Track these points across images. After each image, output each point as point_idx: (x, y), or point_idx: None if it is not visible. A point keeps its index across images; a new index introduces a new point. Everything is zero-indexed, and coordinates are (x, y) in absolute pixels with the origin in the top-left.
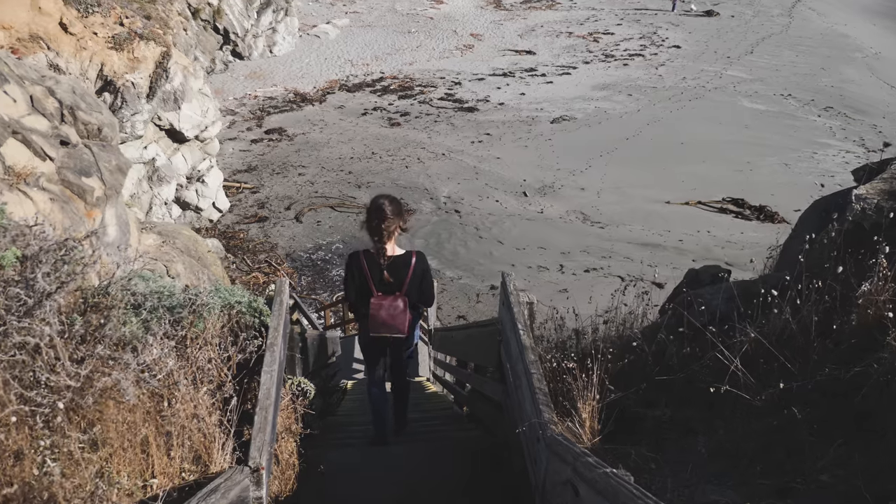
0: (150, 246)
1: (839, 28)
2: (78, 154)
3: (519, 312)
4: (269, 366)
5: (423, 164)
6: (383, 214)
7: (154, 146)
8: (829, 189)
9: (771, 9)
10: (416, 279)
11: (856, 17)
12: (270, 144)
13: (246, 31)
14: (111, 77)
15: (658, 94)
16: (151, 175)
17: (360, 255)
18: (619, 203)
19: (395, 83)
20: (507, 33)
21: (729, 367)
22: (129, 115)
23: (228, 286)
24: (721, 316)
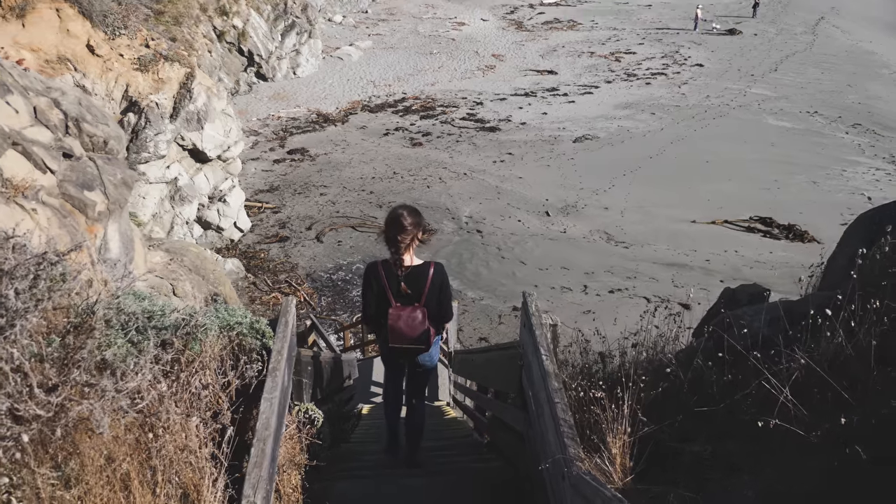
0: (157, 264)
1: (864, 45)
2: (81, 167)
3: (541, 335)
4: (270, 392)
5: (444, 183)
6: (401, 224)
7: (176, 166)
8: (859, 206)
9: (794, 27)
10: (435, 290)
11: (881, 34)
12: (293, 164)
13: (270, 53)
14: (136, 98)
15: (681, 113)
16: (174, 195)
17: (378, 266)
18: (643, 222)
19: (417, 103)
20: (528, 54)
21: (777, 397)
22: (153, 134)
23: (230, 306)
24: (764, 340)
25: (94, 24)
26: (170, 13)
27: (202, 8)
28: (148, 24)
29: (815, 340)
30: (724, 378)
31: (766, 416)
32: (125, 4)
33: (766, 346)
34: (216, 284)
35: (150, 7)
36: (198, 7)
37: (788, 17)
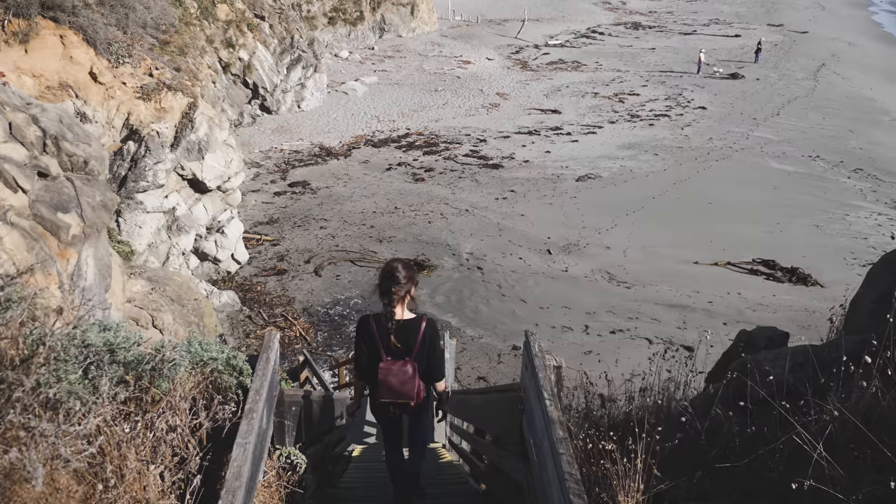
0: (137, 293)
1: (865, 92)
2: (57, 187)
3: (545, 378)
4: (244, 437)
5: (446, 219)
6: (395, 277)
7: (175, 195)
8: (862, 250)
9: (795, 73)
10: (426, 345)
11: (880, 81)
12: (293, 197)
13: (275, 86)
14: (137, 126)
15: (684, 154)
16: (171, 224)
17: (370, 319)
18: (645, 262)
19: (420, 139)
20: (532, 93)
21: (808, 453)
22: (152, 163)
23: (206, 340)
24: (789, 388)
25: (97, 52)
26: (175, 43)
27: (208, 39)
28: (152, 54)
29: (846, 389)
30: (748, 430)
31: (795, 474)
32: (131, 33)
33: (792, 395)
34: (200, 316)
35: (156, 37)
36: (204, 38)
37: (790, 63)
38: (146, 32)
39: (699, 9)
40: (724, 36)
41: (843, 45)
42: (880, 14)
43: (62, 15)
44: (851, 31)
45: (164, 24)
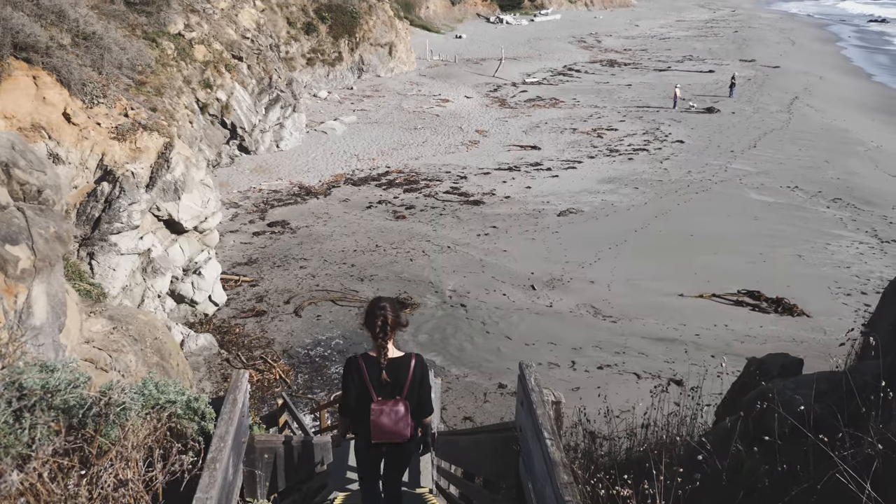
0: (97, 333)
1: (839, 123)
2: (6, 217)
3: (544, 415)
4: (206, 491)
5: (427, 256)
6: (385, 313)
7: (150, 237)
8: (846, 279)
9: (770, 106)
10: (416, 382)
11: (853, 112)
12: (272, 237)
13: (253, 127)
14: (111, 167)
15: (664, 188)
16: (146, 266)
17: (359, 359)
18: (630, 296)
19: (400, 177)
20: (511, 130)
21: (852, 491)
22: (127, 204)
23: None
24: (816, 419)
25: (72, 93)
26: (152, 84)
27: (186, 80)
28: (128, 94)
29: (884, 418)
30: (778, 467)
31: None
32: (106, 74)
33: (820, 427)
34: (166, 357)
35: (132, 77)
36: (181, 79)
37: (764, 96)
38: (122, 73)
39: (672, 46)
40: (698, 72)
41: (815, 79)
42: (849, 49)
43: (35, 56)
44: (822, 66)
45: (141, 65)
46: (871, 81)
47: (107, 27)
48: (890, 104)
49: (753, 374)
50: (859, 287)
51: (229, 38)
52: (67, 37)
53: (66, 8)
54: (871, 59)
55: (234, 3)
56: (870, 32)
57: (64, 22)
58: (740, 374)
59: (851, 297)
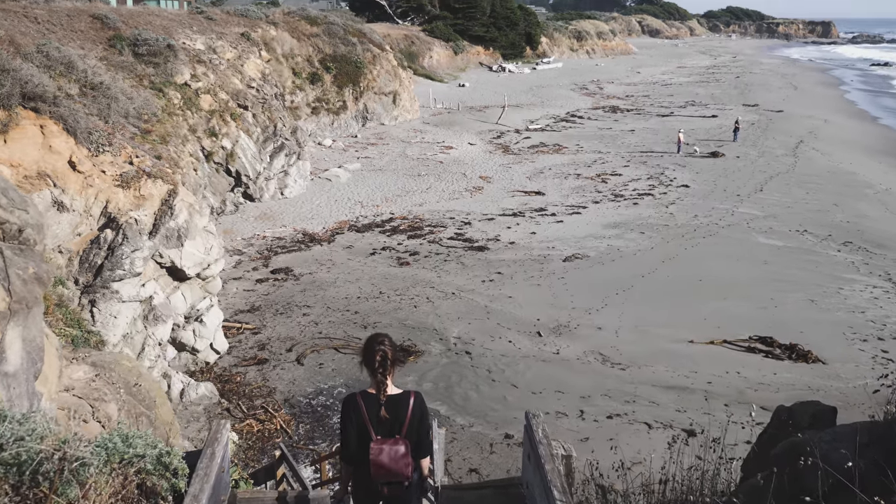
0: (78, 380)
1: (845, 166)
2: None
3: (553, 471)
4: None
5: (432, 303)
6: (384, 348)
7: (153, 284)
8: (860, 325)
9: (775, 149)
10: (416, 420)
11: (859, 155)
12: (276, 284)
13: (258, 174)
14: (115, 214)
15: (671, 232)
16: (147, 314)
17: (357, 397)
18: (639, 343)
19: (404, 223)
20: (515, 175)
21: None
22: (129, 251)
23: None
24: (861, 474)
25: (77, 141)
26: (157, 132)
27: (191, 129)
28: (133, 143)
29: None
30: None
31: None
32: (112, 123)
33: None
34: (151, 406)
35: (138, 126)
36: (187, 128)
37: (768, 140)
38: (128, 122)
39: (675, 92)
40: (701, 117)
41: (820, 123)
42: (853, 93)
43: (43, 105)
44: (826, 110)
45: (147, 114)
46: (876, 124)
47: (114, 78)
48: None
49: (784, 425)
50: (875, 332)
51: (235, 88)
52: (75, 87)
53: (74, 59)
54: (875, 103)
55: (240, 53)
56: (873, 76)
57: (72, 73)
58: (768, 425)
59: (868, 343)
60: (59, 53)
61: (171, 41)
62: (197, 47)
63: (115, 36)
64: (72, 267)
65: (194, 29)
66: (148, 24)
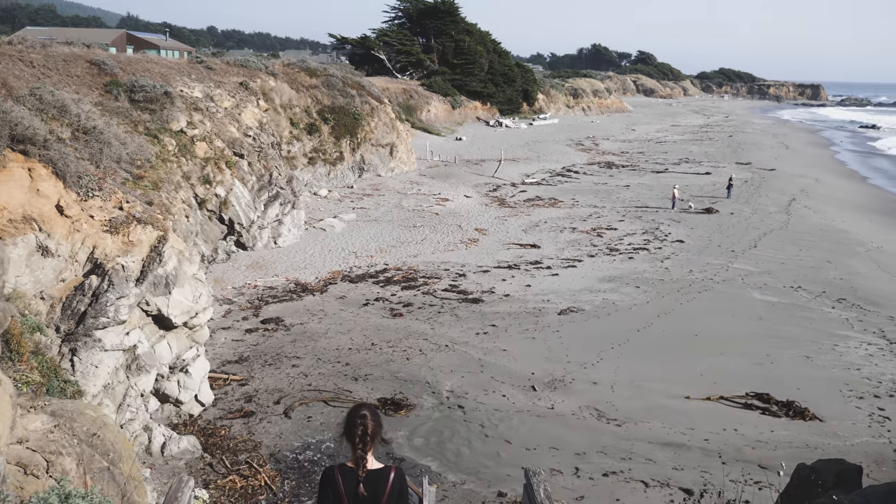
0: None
1: (837, 224)
2: None
3: None
4: None
5: (425, 355)
6: (366, 424)
7: (137, 332)
8: (856, 382)
9: (768, 207)
10: (394, 496)
11: (851, 213)
12: (266, 334)
13: (251, 223)
14: (101, 260)
15: (666, 287)
16: (130, 364)
17: (335, 471)
18: (635, 398)
19: (398, 274)
20: (511, 228)
21: None
22: (115, 298)
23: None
24: None
25: (66, 185)
26: (150, 178)
27: (185, 176)
28: (125, 188)
29: None
30: None
31: None
32: (103, 167)
33: None
34: (116, 461)
35: (130, 171)
36: (181, 174)
37: (761, 197)
38: (120, 167)
39: (669, 149)
40: (695, 174)
41: (811, 182)
42: (843, 153)
43: (33, 148)
44: (817, 169)
45: (140, 160)
46: (866, 184)
47: (108, 123)
48: (887, 206)
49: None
50: (871, 390)
51: (231, 136)
52: (68, 130)
53: (68, 103)
54: (865, 163)
55: (237, 102)
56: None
57: (65, 116)
58: (788, 484)
59: (864, 401)
60: (53, 97)
61: (169, 88)
62: (195, 95)
63: (111, 82)
64: (53, 314)
65: (192, 77)
66: (146, 72)
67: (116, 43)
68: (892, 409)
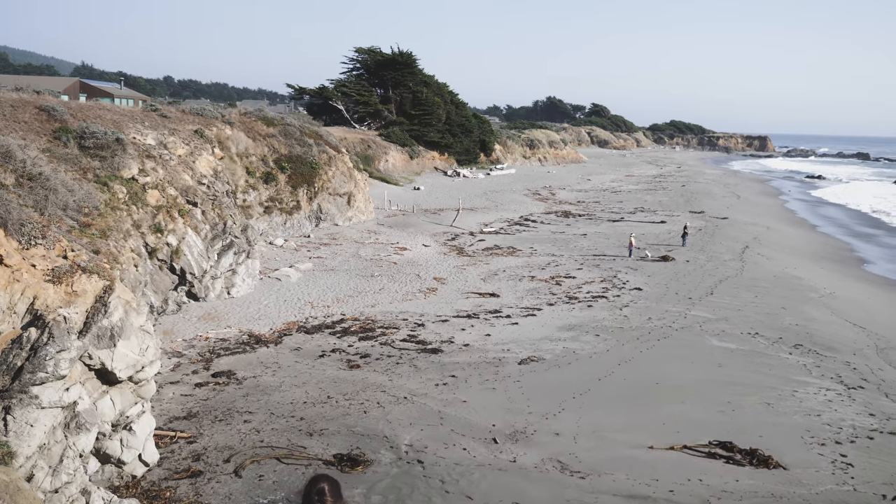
0: None
1: (791, 271)
2: None
3: None
4: None
5: (383, 408)
6: (324, 499)
7: (78, 388)
8: (817, 428)
9: (722, 254)
10: None
11: (803, 261)
12: (216, 389)
13: (204, 272)
14: (42, 311)
15: (625, 335)
16: (69, 422)
17: None
18: (598, 449)
19: (356, 325)
20: (470, 277)
21: None
22: (54, 352)
23: None
24: None
25: (7, 233)
26: (98, 226)
27: (135, 224)
28: (70, 236)
29: None
30: None
31: None
32: (48, 215)
33: None
34: None
35: (77, 219)
36: (130, 222)
37: (716, 245)
38: (66, 214)
39: (624, 199)
40: (650, 222)
41: (763, 229)
42: (792, 202)
43: None
44: (768, 217)
45: (88, 207)
46: (816, 232)
47: (56, 169)
48: (837, 253)
49: None
50: (833, 436)
51: (185, 184)
52: (11, 177)
53: (13, 149)
54: (813, 212)
55: (192, 150)
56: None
57: (10, 162)
58: None
59: (826, 448)
60: None
61: (121, 135)
62: (147, 142)
63: (60, 128)
64: None
65: (146, 124)
66: (97, 118)
67: (69, 91)
68: (854, 456)
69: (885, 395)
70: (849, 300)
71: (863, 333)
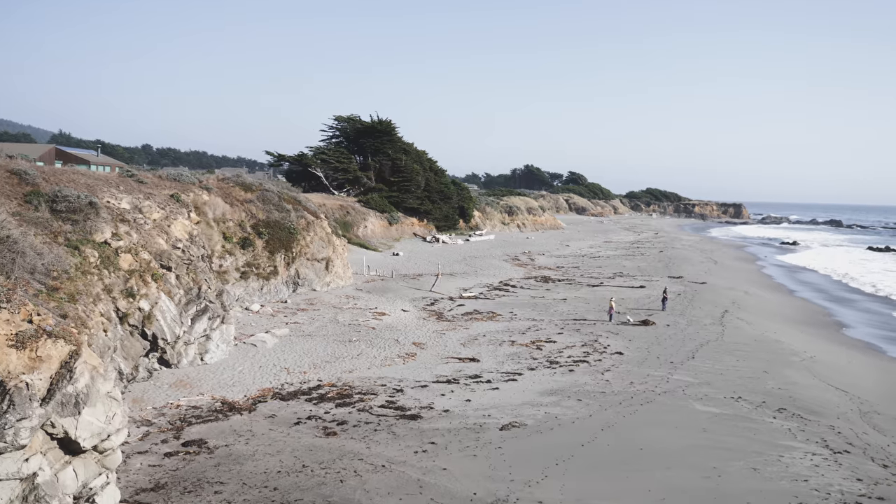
0: None
1: (770, 335)
2: None
3: None
4: None
5: (360, 477)
6: None
7: (38, 458)
8: (805, 493)
9: (702, 318)
10: None
11: (782, 325)
12: (186, 458)
13: (177, 338)
14: (3, 377)
15: (608, 399)
16: (27, 495)
17: None
18: None
19: (333, 391)
20: (449, 342)
21: None
22: (14, 420)
23: None
24: None
25: None
26: (66, 290)
27: (106, 288)
28: (37, 300)
29: None
30: None
31: None
32: (15, 278)
33: None
34: None
35: (45, 283)
36: (101, 287)
37: (695, 310)
38: (34, 278)
39: (603, 264)
40: (630, 287)
41: (741, 294)
42: (768, 268)
43: None
44: (746, 282)
45: (57, 271)
46: (794, 297)
47: (25, 233)
48: (815, 318)
49: None
50: (821, 503)
51: (159, 248)
52: None
53: None
54: (791, 277)
55: (167, 214)
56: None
57: None
58: None
59: None
60: None
61: (94, 199)
62: (122, 206)
63: (32, 192)
64: None
65: (121, 189)
66: (71, 182)
67: (45, 157)
68: None
69: (871, 459)
70: (830, 364)
71: (845, 397)
